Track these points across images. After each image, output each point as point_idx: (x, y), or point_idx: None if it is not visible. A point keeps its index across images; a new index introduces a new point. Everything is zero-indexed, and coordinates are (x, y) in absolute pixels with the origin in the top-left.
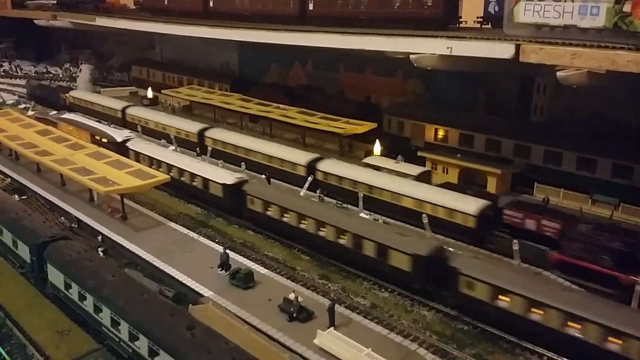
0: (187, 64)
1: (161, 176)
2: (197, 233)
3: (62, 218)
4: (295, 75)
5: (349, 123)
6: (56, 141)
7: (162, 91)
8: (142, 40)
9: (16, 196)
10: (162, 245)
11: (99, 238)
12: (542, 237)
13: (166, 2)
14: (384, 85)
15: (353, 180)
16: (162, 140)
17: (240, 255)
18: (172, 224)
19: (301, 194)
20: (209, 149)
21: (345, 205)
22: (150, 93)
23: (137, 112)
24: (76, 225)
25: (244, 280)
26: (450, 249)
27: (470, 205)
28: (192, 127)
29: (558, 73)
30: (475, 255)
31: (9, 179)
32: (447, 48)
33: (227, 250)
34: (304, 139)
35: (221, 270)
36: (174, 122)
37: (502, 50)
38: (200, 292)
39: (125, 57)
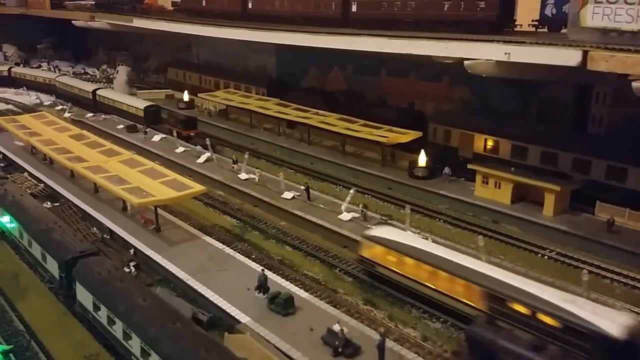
0: (223, 66)
1: (197, 187)
2: (232, 248)
3: (95, 228)
4: (334, 79)
5: (392, 131)
6: (90, 146)
7: (199, 95)
8: (178, 42)
9: (49, 203)
10: (197, 262)
11: (131, 251)
12: None
13: (204, 4)
14: (428, 91)
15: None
16: (198, 147)
17: (278, 275)
18: (207, 238)
19: (342, 207)
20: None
21: (390, 221)
22: (186, 96)
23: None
24: (108, 237)
25: (284, 305)
26: None
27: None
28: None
29: (634, 83)
30: None
31: (42, 184)
32: (505, 54)
33: (265, 271)
34: (343, 147)
35: (259, 293)
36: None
37: (567, 57)
38: (237, 317)
39: (161, 58)
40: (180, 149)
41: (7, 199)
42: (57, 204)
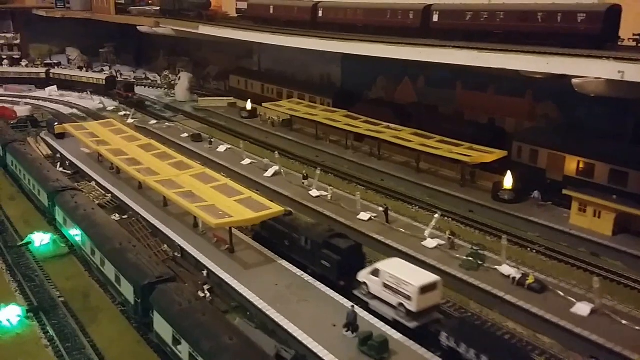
0: (286, 74)
1: (275, 208)
2: (312, 276)
3: (165, 246)
4: (404, 91)
5: (472, 149)
6: (160, 158)
7: (263, 104)
8: (239, 49)
9: (117, 215)
10: (275, 290)
11: (204, 273)
12: None
13: (271, 11)
14: (509, 106)
15: None
16: (265, 160)
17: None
18: (283, 262)
19: (426, 233)
20: None
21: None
22: (249, 105)
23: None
24: (179, 255)
25: (378, 349)
26: None
27: None
28: None
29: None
30: None
31: (109, 195)
32: (619, 72)
33: (355, 307)
34: (418, 164)
35: (347, 331)
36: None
37: None
38: (324, 357)
39: (221, 65)
40: (247, 161)
41: (79, 212)
42: (126, 216)
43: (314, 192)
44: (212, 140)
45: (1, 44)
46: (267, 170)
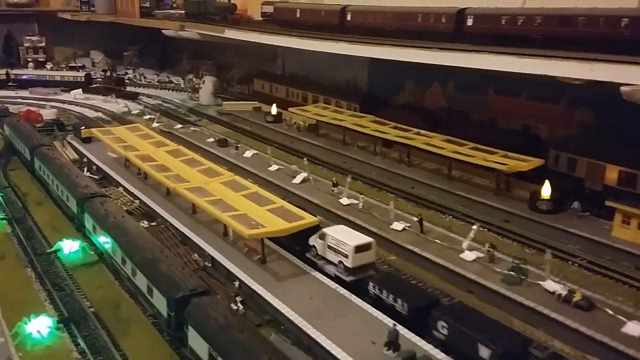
0: (311, 78)
1: (309, 218)
2: (348, 290)
3: (195, 255)
4: (433, 96)
5: (508, 157)
6: (189, 164)
7: (289, 109)
8: (262, 53)
9: (145, 222)
10: (311, 304)
11: (236, 284)
12: None
13: (298, 15)
14: (543, 112)
15: None
16: (294, 166)
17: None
18: (317, 274)
19: (464, 245)
20: None
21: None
22: (274, 109)
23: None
24: (210, 265)
25: None
26: None
27: None
28: None
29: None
30: None
31: (137, 202)
32: None
33: (397, 326)
34: (450, 171)
35: (388, 350)
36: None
37: None
38: None
39: (244, 69)
40: (274, 167)
41: (109, 220)
42: (154, 223)
43: (345, 200)
44: (238, 145)
45: (27, 47)
46: (295, 177)
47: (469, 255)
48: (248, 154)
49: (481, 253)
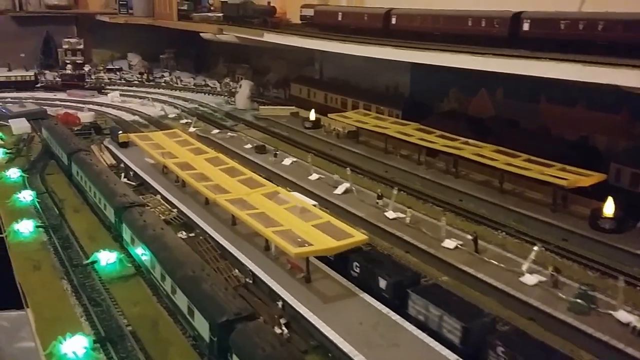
0: (350, 83)
1: (358, 236)
2: (401, 315)
3: (236, 270)
4: (480, 103)
5: (565, 170)
6: (229, 173)
7: (329, 115)
8: (299, 56)
9: (184, 232)
10: (360, 330)
11: (279, 304)
12: None
13: (340, 18)
14: (602, 123)
15: None
16: (335, 176)
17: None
18: (366, 296)
19: (524, 267)
20: None
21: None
22: (312, 115)
23: None
24: (251, 281)
25: None
26: None
27: None
28: None
29: None
30: None
31: (175, 211)
32: None
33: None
34: (501, 184)
35: None
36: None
37: None
38: None
39: (281, 73)
40: (315, 176)
41: (148, 232)
42: (193, 234)
43: (391, 214)
44: (277, 152)
45: (65, 49)
46: (336, 187)
47: (530, 279)
48: (287, 161)
49: (543, 276)
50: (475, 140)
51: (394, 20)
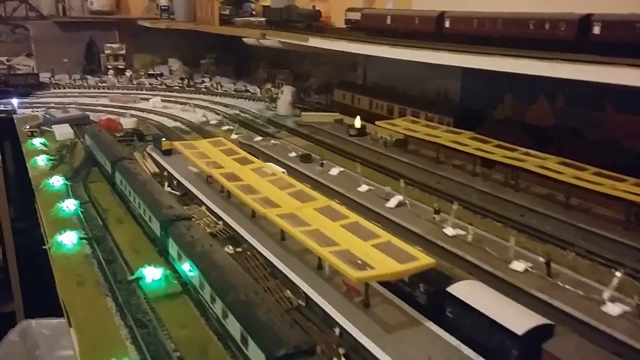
0: (396, 89)
1: (424, 260)
2: (475, 349)
3: (288, 291)
4: (539, 111)
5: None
6: (278, 185)
7: (377, 122)
8: (342, 61)
9: (230, 247)
10: None
11: (337, 331)
12: None
13: (388, 22)
14: None
15: None
16: (387, 188)
17: None
18: (432, 325)
19: (605, 295)
20: None
21: None
22: (358, 122)
23: None
24: (304, 304)
25: None
26: None
27: None
28: None
29: None
30: None
31: (221, 223)
32: None
33: None
34: (567, 199)
35: None
36: None
37: None
38: None
39: (322, 78)
40: (364, 187)
41: (196, 249)
42: (240, 249)
43: (450, 231)
44: (323, 162)
45: (107, 54)
46: (388, 200)
47: (613, 309)
48: (334, 171)
49: (626, 305)
50: (534, 150)
51: (447, 24)
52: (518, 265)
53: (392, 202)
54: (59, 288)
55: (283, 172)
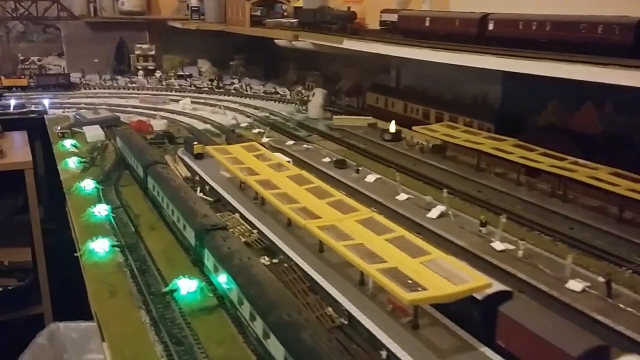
0: (431, 93)
1: (480, 281)
2: None
3: (330, 308)
4: (585, 117)
5: None
6: (315, 194)
7: (413, 128)
8: (374, 63)
9: (266, 257)
10: None
11: (383, 354)
12: None
13: (427, 24)
14: None
15: None
16: (428, 197)
17: None
18: (487, 350)
19: None
20: None
21: None
22: (392, 127)
23: None
24: (347, 322)
25: None
26: None
27: None
28: None
29: None
30: None
31: (256, 232)
32: None
33: None
34: (621, 212)
35: None
36: None
37: None
38: None
39: (353, 80)
40: (403, 196)
41: (234, 262)
42: (276, 260)
43: (498, 245)
44: (359, 168)
45: (137, 55)
46: (429, 210)
47: None
48: (370, 178)
49: None
50: (581, 159)
51: (491, 26)
52: (575, 285)
53: (434, 213)
54: (91, 299)
55: (288, 162)
